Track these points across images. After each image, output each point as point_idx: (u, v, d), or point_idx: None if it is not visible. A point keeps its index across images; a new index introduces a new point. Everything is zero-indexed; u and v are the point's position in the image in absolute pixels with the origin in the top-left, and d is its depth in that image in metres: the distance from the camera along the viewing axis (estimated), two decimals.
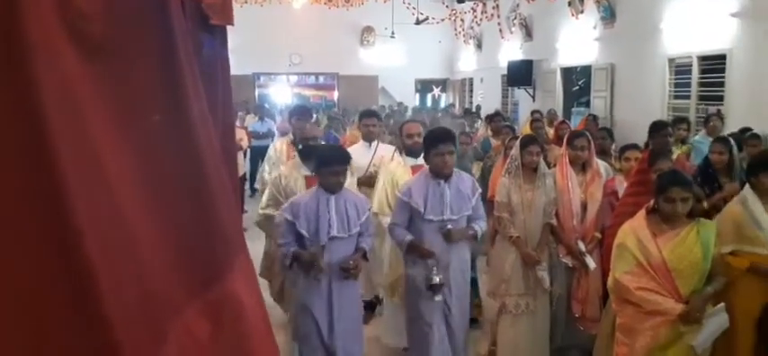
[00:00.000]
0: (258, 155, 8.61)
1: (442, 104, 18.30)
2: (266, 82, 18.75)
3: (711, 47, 7.46)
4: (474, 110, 13.81)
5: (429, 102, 18.96)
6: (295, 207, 3.09)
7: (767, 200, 2.97)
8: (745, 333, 2.82)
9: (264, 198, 3.84)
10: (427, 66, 18.12)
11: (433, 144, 3.24)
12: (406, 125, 4.24)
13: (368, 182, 4.33)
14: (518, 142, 3.80)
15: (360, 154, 4.50)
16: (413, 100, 17.55)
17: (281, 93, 18.71)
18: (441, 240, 3.25)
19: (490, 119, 8.37)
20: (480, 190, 3.47)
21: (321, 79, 19.11)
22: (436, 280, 3.13)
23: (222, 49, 1.61)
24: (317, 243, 3.04)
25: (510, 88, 13.83)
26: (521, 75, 12.58)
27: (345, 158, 3.20)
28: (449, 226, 3.23)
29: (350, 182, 3.59)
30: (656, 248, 2.64)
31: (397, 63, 17.25)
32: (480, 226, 3.42)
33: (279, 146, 4.98)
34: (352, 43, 17.77)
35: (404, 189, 3.33)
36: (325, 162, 3.10)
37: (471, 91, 17.09)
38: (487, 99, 15.16)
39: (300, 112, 5.04)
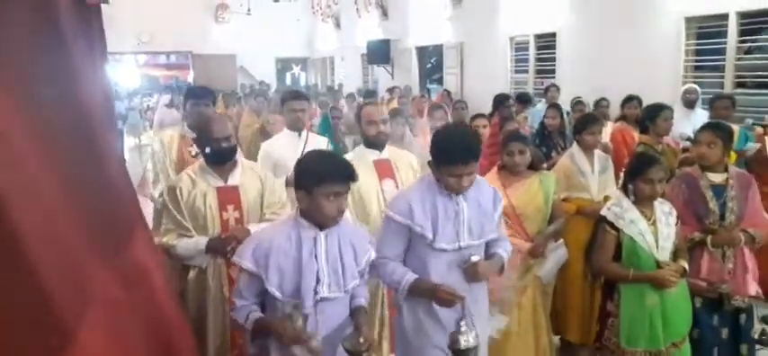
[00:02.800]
0: None
1: (303, 83, 18.36)
2: (110, 62, 17.43)
3: (545, 27, 8.41)
4: (337, 88, 14.09)
5: (289, 81, 18.89)
6: (260, 250, 2.04)
7: (590, 153, 3.56)
8: (577, 261, 3.36)
9: (159, 220, 2.79)
10: (287, 44, 17.99)
11: (452, 157, 2.19)
12: (366, 109, 3.21)
13: None
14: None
15: (285, 147, 3.60)
16: (273, 79, 17.38)
17: (128, 75, 17.53)
18: (458, 277, 2.27)
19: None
20: (502, 199, 2.47)
21: (173, 58, 18.20)
22: (470, 341, 2.09)
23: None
24: (296, 308, 2.01)
25: (370, 66, 14.29)
26: (379, 53, 13.06)
27: (352, 174, 2.06)
28: (474, 258, 2.26)
29: (279, 183, 3.07)
30: (506, 197, 3.07)
31: (256, 41, 16.92)
32: (507, 251, 2.45)
33: (168, 141, 3.59)
34: (207, 20, 17.11)
35: (398, 204, 2.29)
36: (325, 176, 2.00)
37: (333, 69, 17.33)
38: (349, 78, 15.50)
39: (199, 94, 3.76)
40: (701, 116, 5.21)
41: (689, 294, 2.68)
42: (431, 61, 12.74)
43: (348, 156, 2.90)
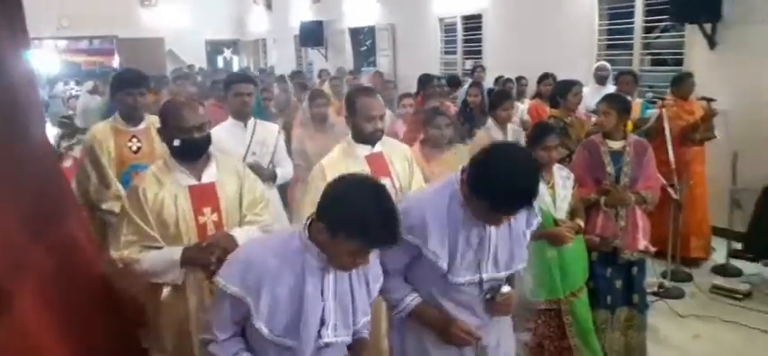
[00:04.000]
0: None
1: (235, 67, 18.08)
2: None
3: (471, 8, 8.72)
4: (269, 71, 14.00)
5: (220, 64, 18.55)
6: (251, 274, 1.64)
7: (504, 127, 3.85)
8: None
9: (117, 231, 2.23)
10: (217, 26, 17.63)
11: (510, 206, 1.77)
12: (365, 100, 2.65)
13: None
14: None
15: (230, 138, 3.24)
16: (204, 63, 17.03)
17: (48, 62, 16.72)
18: (476, 308, 1.96)
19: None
20: (539, 217, 2.06)
21: (95, 43, 17.48)
22: None
23: None
24: (295, 347, 1.66)
25: (303, 48, 14.26)
26: (312, 35, 13.06)
27: (395, 240, 1.60)
28: (505, 289, 1.93)
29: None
30: (429, 168, 3.30)
31: (184, 24, 16.51)
32: (524, 280, 2.22)
33: (100, 137, 3.13)
34: (131, 3, 16.52)
35: (410, 215, 1.81)
36: (365, 236, 1.55)
37: (265, 52, 17.15)
38: (282, 60, 15.41)
39: (133, 81, 3.20)
40: (611, 91, 5.63)
41: (585, 249, 2.99)
42: (365, 43, 12.87)
43: (334, 153, 2.70)
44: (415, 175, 2.78)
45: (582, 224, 2.90)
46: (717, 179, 4.97)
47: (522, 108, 5.17)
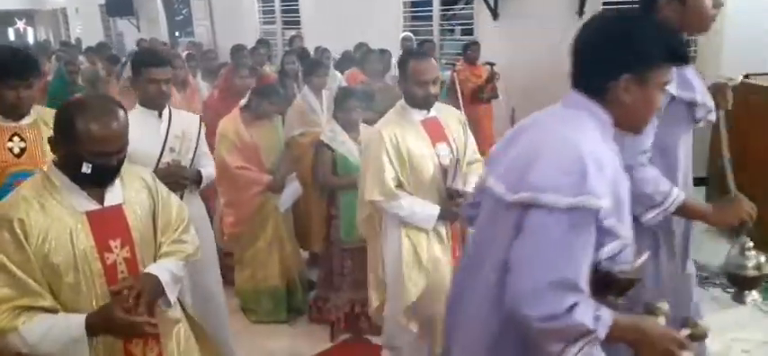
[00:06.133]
0: None
1: (31, 40, 16.19)
2: None
3: None
4: (74, 43, 12.85)
5: (12, 38, 16.49)
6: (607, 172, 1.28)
7: (319, 94, 4.22)
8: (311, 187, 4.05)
9: None
10: None
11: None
12: (415, 65, 2.53)
13: (167, 176, 2.47)
14: None
15: (141, 131, 2.45)
16: None
17: None
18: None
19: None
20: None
21: None
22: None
23: None
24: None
25: (112, 19, 13.29)
26: (121, 4, 12.26)
27: None
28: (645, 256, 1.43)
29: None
30: (248, 134, 3.54)
31: None
32: None
33: None
34: None
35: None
36: None
37: (67, 23, 15.60)
38: (88, 33, 14.18)
39: (17, 71, 2.31)
40: None
41: None
42: (182, 12, 12.39)
43: (390, 116, 2.62)
44: (469, 140, 2.74)
45: None
46: (501, 133, 5.87)
47: (339, 77, 5.58)
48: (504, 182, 1.38)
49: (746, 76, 4.53)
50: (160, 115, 2.75)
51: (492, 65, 5.52)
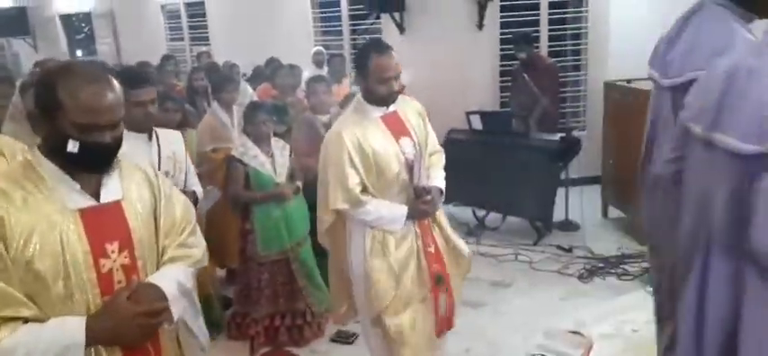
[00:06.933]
0: None
1: None
2: None
3: None
4: None
5: None
6: None
7: (230, 109, 4.22)
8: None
9: None
10: None
11: None
12: (378, 61, 2.34)
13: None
14: None
15: (136, 155, 2.09)
16: None
17: None
18: None
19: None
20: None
21: None
22: None
23: None
24: None
25: (6, 39, 12.48)
26: (14, 24, 11.53)
27: None
28: None
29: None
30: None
31: None
32: None
33: None
34: None
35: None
36: None
37: None
38: None
39: None
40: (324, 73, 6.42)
41: (305, 205, 3.57)
42: (83, 30, 11.84)
43: (346, 115, 2.49)
44: (429, 131, 2.63)
45: (300, 184, 3.46)
46: None
47: (250, 91, 5.57)
48: (736, 132, 1.30)
49: (629, 82, 5.00)
50: (149, 138, 2.64)
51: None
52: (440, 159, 2.66)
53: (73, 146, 1.33)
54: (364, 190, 2.37)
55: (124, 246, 1.45)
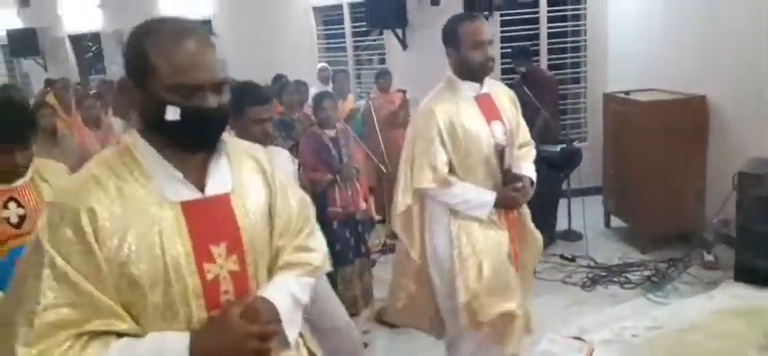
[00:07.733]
0: None
1: None
2: None
3: (200, 13, 8.97)
4: None
5: None
6: None
7: None
8: None
9: (30, 296, 1.06)
10: None
11: None
12: (469, 25, 2.29)
13: None
14: None
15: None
16: None
17: None
18: None
19: None
20: None
21: None
22: None
23: None
24: None
25: (16, 60, 12.72)
26: (25, 44, 11.76)
27: None
28: None
29: None
30: None
31: None
32: None
33: None
34: None
35: None
36: None
37: None
38: None
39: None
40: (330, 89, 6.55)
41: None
42: (92, 50, 12.06)
43: (439, 91, 2.36)
44: (520, 121, 2.53)
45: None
46: None
47: None
48: None
49: (627, 93, 5.10)
50: None
51: (404, 92, 5.84)
52: (530, 152, 2.56)
53: (173, 113, 1.10)
54: (451, 170, 2.25)
55: (232, 249, 1.20)
